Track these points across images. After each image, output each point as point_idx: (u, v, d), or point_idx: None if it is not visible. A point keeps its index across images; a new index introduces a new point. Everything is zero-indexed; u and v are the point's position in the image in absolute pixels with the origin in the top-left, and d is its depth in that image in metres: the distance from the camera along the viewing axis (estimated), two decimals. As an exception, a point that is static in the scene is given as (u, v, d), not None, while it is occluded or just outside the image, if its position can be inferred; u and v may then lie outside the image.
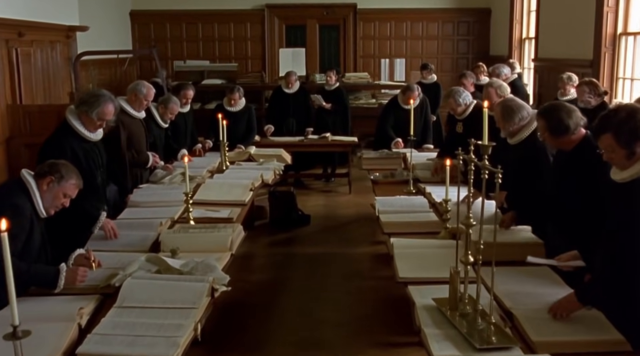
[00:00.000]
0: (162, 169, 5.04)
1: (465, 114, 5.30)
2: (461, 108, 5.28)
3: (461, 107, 5.28)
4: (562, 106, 3.29)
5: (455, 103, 5.26)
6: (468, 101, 5.28)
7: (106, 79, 9.36)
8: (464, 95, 5.28)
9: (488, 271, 2.40)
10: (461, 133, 5.37)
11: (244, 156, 6.05)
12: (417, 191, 4.78)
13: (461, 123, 5.38)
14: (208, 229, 3.51)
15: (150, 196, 4.40)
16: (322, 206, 7.27)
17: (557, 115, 3.20)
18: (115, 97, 3.82)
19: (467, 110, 5.28)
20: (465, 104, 5.27)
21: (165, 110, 5.39)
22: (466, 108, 5.28)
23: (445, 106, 8.98)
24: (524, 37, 9.93)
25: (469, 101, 5.28)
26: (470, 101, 5.29)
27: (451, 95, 5.30)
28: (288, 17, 11.32)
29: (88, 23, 8.31)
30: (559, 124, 3.18)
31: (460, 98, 5.25)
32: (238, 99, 6.57)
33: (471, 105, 5.29)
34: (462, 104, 5.27)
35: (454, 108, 5.30)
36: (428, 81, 8.65)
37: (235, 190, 4.53)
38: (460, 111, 5.29)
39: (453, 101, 5.27)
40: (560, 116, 3.18)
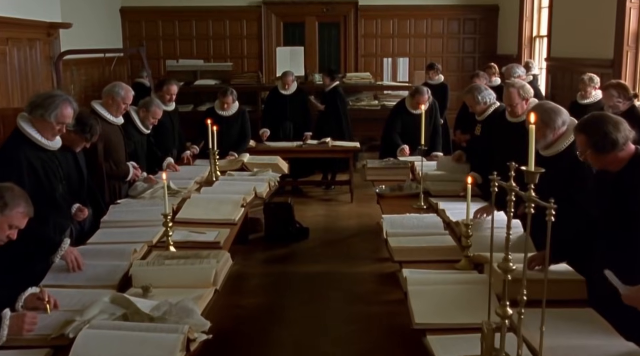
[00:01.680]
0: (144, 182, 4.52)
1: (485, 114, 4.79)
2: (480, 107, 4.78)
3: (480, 106, 4.78)
4: (606, 117, 2.77)
5: (475, 100, 4.76)
6: (489, 100, 4.77)
7: (94, 80, 8.85)
8: (485, 93, 4.77)
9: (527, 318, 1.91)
10: (478, 136, 4.88)
11: (237, 164, 5.53)
12: (428, 206, 4.27)
13: (479, 125, 4.88)
14: (189, 259, 2.99)
15: (128, 214, 3.88)
16: (322, 217, 6.76)
17: (602, 128, 2.68)
18: (73, 99, 3.29)
19: (487, 110, 4.78)
20: (485, 103, 4.77)
21: (146, 114, 4.87)
22: (486, 108, 4.78)
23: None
24: (534, 36, 9.42)
25: (489, 101, 4.78)
26: (491, 100, 4.78)
27: (471, 91, 4.81)
28: (286, 14, 10.81)
29: (73, 20, 7.79)
30: (605, 139, 2.66)
31: (480, 96, 4.75)
32: (231, 103, 6.05)
33: (492, 106, 4.78)
34: (482, 103, 4.77)
35: (473, 106, 4.81)
36: (435, 82, 8.15)
37: (225, 207, 4.02)
38: (480, 110, 4.79)
39: (472, 98, 4.78)
40: (606, 129, 2.66)
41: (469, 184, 3.12)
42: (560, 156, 3.30)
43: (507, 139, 4.23)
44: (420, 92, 5.81)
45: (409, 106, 5.89)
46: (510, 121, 4.20)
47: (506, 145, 4.23)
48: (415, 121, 5.84)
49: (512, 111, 4.14)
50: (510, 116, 4.19)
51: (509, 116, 4.21)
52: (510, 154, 4.28)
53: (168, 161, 5.15)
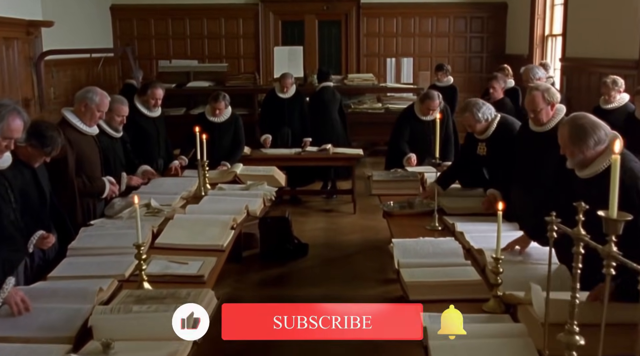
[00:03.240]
0: (121, 199, 4.02)
1: (488, 133, 4.18)
2: (481, 125, 4.14)
3: (481, 124, 4.14)
4: None
5: (474, 119, 4.11)
6: (489, 116, 4.13)
7: (81, 82, 8.32)
8: (484, 109, 4.12)
9: None
10: (484, 155, 4.30)
11: (229, 176, 5.02)
12: (443, 227, 3.77)
13: (484, 144, 4.28)
14: (164, 300, 2.48)
15: (100, 238, 3.38)
16: (322, 231, 6.26)
17: None
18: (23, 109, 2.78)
19: (489, 127, 4.16)
20: (486, 119, 4.13)
21: (110, 114, 4.23)
22: (488, 125, 4.15)
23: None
24: (546, 34, 8.92)
25: (490, 116, 4.14)
26: (492, 115, 4.16)
27: (467, 109, 4.15)
28: (284, 12, 10.36)
29: (57, 18, 7.31)
30: None
31: (480, 112, 4.10)
32: (223, 109, 5.54)
33: (494, 121, 4.19)
34: (482, 120, 4.13)
35: (472, 125, 4.16)
36: (443, 84, 7.67)
37: (212, 230, 3.52)
38: (481, 128, 4.16)
39: (471, 117, 4.12)
40: None
41: (500, 210, 2.60)
42: (601, 176, 2.78)
43: (529, 150, 3.72)
44: (430, 97, 5.28)
45: (419, 112, 5.38)
46: (534, 130, 3.69)
47: (528, 156, 3.73)
48: (426, 128, 5.35)
49: (536, 117, 3.62)
50: (533, 124, 3.68)
51: (533, 124, 3.69)
52: (532, 167, 3.81)
53: (143, 168, 4.60)
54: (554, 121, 3.59)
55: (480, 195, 4.27)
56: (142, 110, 5.10)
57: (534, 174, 3.64)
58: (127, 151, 4.60)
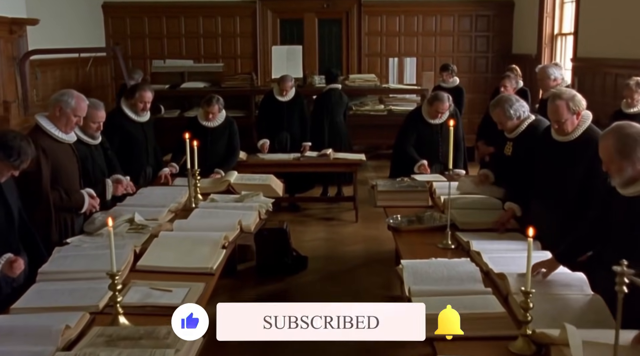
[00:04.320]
0: (103, 213, 3.66)
1: (518, 131, 3.94)
2: (513, 123, 3.92)
3: (512, 122, 3.92)
4: None
5: (505, 115, 3.89)
6: (522, 114, 3.91)
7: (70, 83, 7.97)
8: (518, 105, 3.91)
9: None
10: (509, 156, 4.02)
11: (222, 185, 4.67)
12: (457, 245, 3.42)
13: (511, 143, 4.01)
14: (139, 342, 2.13)
15: (75, 260, 3.03)
16: (323, 241, 5.91)
17: None
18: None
19: (520, 126, 3.92)
20: (518, 117, 3.91)
21: (84, 120, 3.82)
22: (519, 123, 3.92)
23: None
24: (555, 33, 8.56)
25: (523, 114, 3.91)
26: (525, 114, 3.92)
27: (499, 104, 3.93)
28: (283, 10, 9.99)
29: (47, 16, 6.99)
30: None
31: (512, 109, 3.89)
32: (217, 113, 5.18)
33: (526, 120, 3.92)
34: (514, 118, 3.91)
35: (503, 122, 3.94)
36: (449, 85, 7.33)
37: (201, 250, 3.16)
38: (512, 126, 3.93)
39: (502, 113, 3.91)
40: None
41: (530, 237, 2.24)
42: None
43: (552, 162, 3.38)
44: (440, 99, 4.93)
45: (426, 115, 5.03)
46: (557, 140, 3.35)
47: (551, 169, 3.38)
48: (434, 132, 5.02)
49: (560, 128, 3.27)
50: (557, 134, 3.34)
51: (556, 134, 3.35)
52: (556, 181, 3.47)
53: (115, 177, 4.14)
54: (580, 130, 3.26)
55: (495, 207, 3.93)
56: (130, 114, 4.76)
57: (558, 188, 3.29)
58: (109, 157, 4.23)
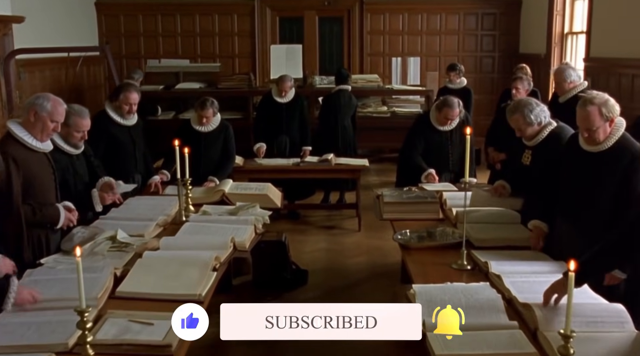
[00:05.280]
0: (83, 228, 3.33)
1: (537, 139, 3.60)
2: (532, 129, 3.58)
3: (532, 128, 3.58)
4: None
5: (525, 121, 3.55)
6: (543, 120, 3.57)
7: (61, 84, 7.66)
8: (538, 109, 3.56)
9: None
10: (528, 166, 3.69)
11: (216, 196, 4.33)
12: (473, 265, 3.09)
13: (530, 152, 3.67)
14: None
15: (47, 286, 2.68)
16: (324, 252, 5.57)
17: None
18: None
19: (540, 133, 3.58)
20: (538, 123, 3.57)
21: (67, 129, 3.56)
22: (540, 130, 3.58)
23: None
24: (566, 32, 8.23)
25: (544, 120, 3.57)
26: (546, 119, 3.58)
27: (518, 109, 3.58)
28: (282, 8, 9.73)
29: (35, 14, 6.70)
30: None
31: (532, 114, 3.54)
32: (211, 116, 4.85)
33: (547, 127, 3.58)
34: (535, 123, 3.56)
35: (522, 128, 3.59)
36: (456, 86, 7.01)
37: (188, 272, 2.83)
38: (532, 133, 3.59)
39: (521, 118, 3.56)
40: None
41: (572, 271, 1.90)
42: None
43: (580, 175, 3.04)
44: (449, 104, 4.59)
45: (435, 121, 4.69)
46: (586, 150, 3.01)
47: (579, 182, 3.05)
48: (443, 139, 4.70)
49: (590, 136, 2.93)
50: (586, 143, 3.00)
51: (585, 143, 3.01)
52: (585, 196, 3.13)
53: (105, 180, 3.79)
54: (613, 138, 2.92)
55: (513, 221, 3.61)
56: (115, 118, 4.43)
57: (588, 204, 2.95)
58: (93, 165, 3.89)
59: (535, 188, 3.47)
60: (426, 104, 7.93)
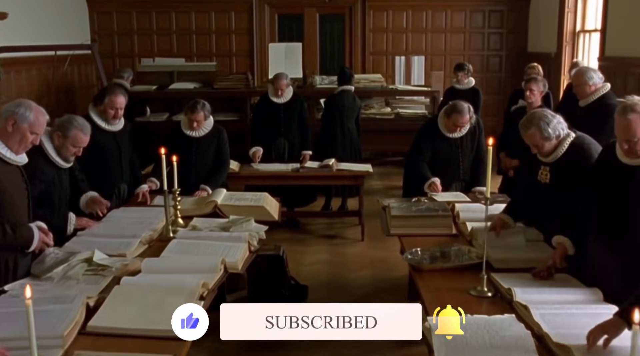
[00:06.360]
0: (57, 249, 2.98)
1: (556, 155, 3.21)
2: (550, 144, 3.18)
3: (550, 143, 3.17)
4: None
5: (543, 136, 3.14)
6: (561, 132, 3.17)
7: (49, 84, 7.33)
8: (555, 122, 3.14)
9: None
10: (546, 184, 3.30)
11: (207, 208, 3.97)
12: (494, 292, 2.74)
13: (547, 168, 3.29)
14: None
15: (7, 320, 2.33)
16: (325, 265, 5.23)
17: None
18: None
19: (559, 148, 3.19)
20: (557, 136, 3.17)
21: (63, 141, 3.33)
22: (558, 144, 3.20)
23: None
24: (578, 30, 7.88)
25: (562, 132, 3.18)
26: (564, 131, 3.19)
27: (533, 123, 3.16)
28: (281, 5, 9.46)
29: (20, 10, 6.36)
30: None
31: (550, 128, 3.13)
32: (203, 120, 4.50)
33: (566, 139, 3.19)
34: (553, 137, 3.17)
35: (539, 144, 3.18)
36: (464, 87, 6.68)
37: (172, 302, 2.46)
38: (549, 148, 3.19)
39: (537, 133, 3.14)
40: None
41: (637, 324, 1.55)
42: None
43: (618, 191, 2.67)
44: (458, 110, 4.22)
45: (443, 128, 4.34)
46: (625, 163, 2.65)
47: (617, 199, 2.68)
48: (453, 146, 4.37)
49: (631, 148, 2.57)
50: (626, 155, 2.63)
51: (625, 155, 2.64)
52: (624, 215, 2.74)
53: (90, 196, 3.57)
54: (656, 150, 2.56)
55: (536, 238, 3.26)
56: (99, 123, 4.08)
57: (627, 224, 2.60)
58: (76, 179, 3.58)
59: (558, 207, 3.11)
60: (431, 105, 7.60)
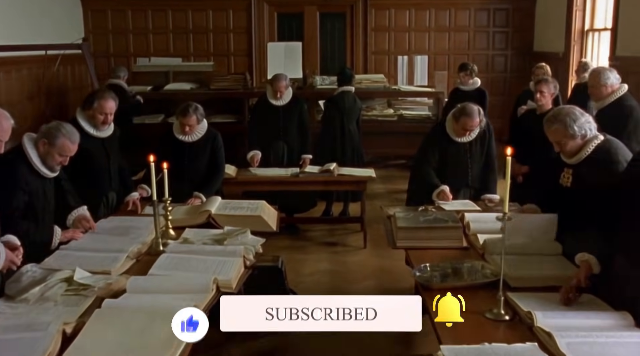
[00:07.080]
0: (35, 266, 2.74)
1: (580, 156, 3.01)
2: (575, 143, 3.01)
3: (575, 142, 3.00)
4: None
5: (568, 133, 2.97)
6: (588, 133, 2.99)
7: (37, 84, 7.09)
8: (582, 120, 2.98)
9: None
10: (567, 188, 3.10)
11: (201, 217, 3.72)
12: (512, 315, 2.50)
13: (570, 171, 3.09)
14: None
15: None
16: (326, 275, 4.99)
17: None
18: None
19: (584, 148, 3.00)
20: (582, 135, 2.99)
21: (50, 148, 3.13)
22: (584, 144, 3.00)
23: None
24: (586, 29, 7.65)
25: (589, 133, 2.99)
26: (591, 132, 3.00)
27: (558, 118, 3.00)
28: (281, 4, 9.34)
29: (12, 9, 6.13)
30: None
31: (577, 125, 2.96)
32: (195, 124, 4.26)
33: (592, 141, 2.99)
34: (578, 136, 2.98)
35: (562, 142, 3.02)
36: (468, 88, 6.45)
37: (158, 328, 2.24)
38: (573, 148, 3.02)
39: (563, 129, 2.98)
40: None
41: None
42: None
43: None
44: (468, 113, 3.99)
45: (452, 132, 4.10)
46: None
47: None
48: (461, 151, 4.14)
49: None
50: None
51: None
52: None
53: (79, 213, 3.37)
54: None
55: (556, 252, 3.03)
56: (87, 128, 3.84)
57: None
58: (63, 190, 3.36)
59: (580, 216, 2.88)
60: (435, 106, 7.39)
